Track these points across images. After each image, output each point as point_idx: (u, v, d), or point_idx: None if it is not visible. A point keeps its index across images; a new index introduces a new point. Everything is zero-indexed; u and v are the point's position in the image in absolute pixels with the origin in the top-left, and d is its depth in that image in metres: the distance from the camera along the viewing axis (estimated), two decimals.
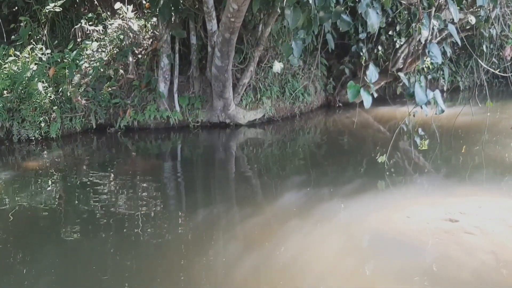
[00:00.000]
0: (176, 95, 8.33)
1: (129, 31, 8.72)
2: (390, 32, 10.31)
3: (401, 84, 9.76)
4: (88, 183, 5.85)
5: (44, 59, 8.08)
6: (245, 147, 7.78)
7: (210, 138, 8.19)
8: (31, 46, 8.16)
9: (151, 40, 8.88)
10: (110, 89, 8.20)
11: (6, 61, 7.81)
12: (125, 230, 4.36)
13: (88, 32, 8.87)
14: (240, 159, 7.22)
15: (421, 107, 5.20)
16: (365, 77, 5.20)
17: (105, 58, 8.52)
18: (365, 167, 6.26)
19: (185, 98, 8.38)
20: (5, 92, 7.57)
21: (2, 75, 7.59)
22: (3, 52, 8.01)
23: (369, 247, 4.01)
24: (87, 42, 8.59)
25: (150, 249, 3.97)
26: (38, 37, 8.64)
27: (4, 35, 9.05)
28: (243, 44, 8.43)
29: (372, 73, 5.00)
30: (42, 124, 7.53)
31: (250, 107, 8.67)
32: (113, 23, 8.86)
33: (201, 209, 4.99)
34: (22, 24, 8.68)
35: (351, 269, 3.59)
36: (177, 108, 8.32)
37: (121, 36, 8.71)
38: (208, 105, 8.45)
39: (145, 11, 8.99)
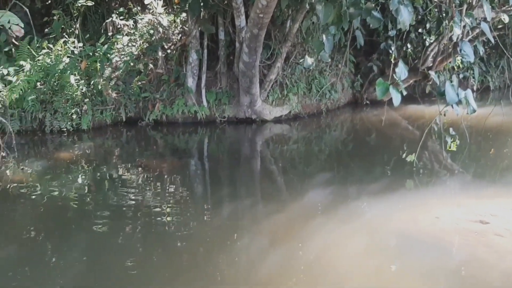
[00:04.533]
0: (203, 90, 8.40)
1: (159, 26, 8.83)
2: (419, 30, 10.14)
3: (430, 82, 9.63)
4: (117, 175, 5.99)
5: (76, 52, 8.26)
6: (270, 143, 7.80)
7: (236, 134, 8.24)
8: (64, 39, 8.35)
9: (180, 35, 8.97)
10: (139, 83, 8.34)
11: (39, 53, 8.02)
12: (152, 222, 4.44)
13: (119, 26, 9.01)
14: (265, 155, 7.25)
15: (452, 107, 5.12)
16: (394, 75, 5.15)
17: (135, 53, 8.65)
18: (392, 166, 6.20)
19: (212, 94, 8.45)
20: (38, 84, 7.79)
21: (36, 67, 7.80)
22: (37, 45, 8.22)
23: (395, 247, 3.97)
24: (118, 36, 8.74)
25: (176, 242, 4.04)
26: (70, 31, 8.83)
27: (38, 28, 9.28)
28: (271, 40, 8.43)
29: (401, 70, 4.96)
30: (74, 116, 7.71)
31: (276, 103, 8.67)
32: (143, 18, 8.99)
33: (226, 203, 5.05)
34: (55, 17, 8.89)
35: (376, 269, 3.57)
36: (205, 103, 8.40)
37: (151, 31, 8.83)
38: (235, 101, 8.50)
39: (175, 7, 9.08)
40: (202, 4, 7.78)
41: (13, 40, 8.54)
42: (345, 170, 6.25)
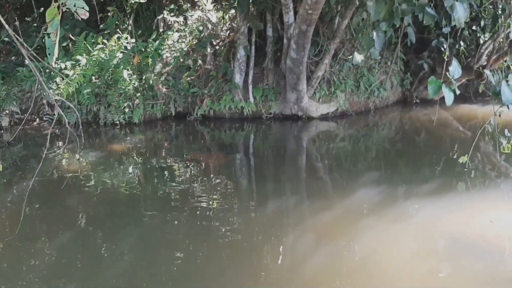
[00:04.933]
0: (250, 86, 8.48)
1: (208, 22, 9.00)
2: (473, 27, 9.79)
3: (484, 82, 9.28)
4: (166, 168, 6.16)
5: (129, 48, 8.52)
6: (316, 141, 7.78)
7: (282, 130, 8.26)
8: (118, 35, 8.62)
9: (228, 31, 9.08)
10: (189, 78, 8.53)
11: (95, 48, 8.33)
12: (198, 215, 4.54)
13: (169, 23, 9.23)
14: (311, 152, 7.23)
15: (508, 107, 4.92)
16: (447, 73, 5.01)
17: (185, 49, 8.84)
18: (443, 167, 6.03)
19: (259, 90, 8.51)
20: (93, 78, 8.10)
21: (91, 62, 8.11)
22: (92, 40, 8.55)
23: (446, 250, 3.88)
24: (168, 33, 8.96)
25: (220, 236, 4.11)
26: (123, 27, 9.11)
27: (93, 24, 9.65)
28: (319, 37, 8.38)
29: (455, 69, 4.80)
30: (126, 110, 7.99)
31: (323, 100, 8.62)
32: (193, 15, 9.18)
33: (271, 200, 5.06)
34: (109, 14, 9.20)
35: (425, 273, 3.47)
36: (251, 99, 8.48)
37: (200, 28, 8.99)
38: (281, 97, 8.52)
39: (224, 3, 9.20)
40: (250, 0, 7.84)
41: (70, 35, 8.94)
42: (393, 170, 6.13)
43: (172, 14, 9.31)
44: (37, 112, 8.29)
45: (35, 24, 9.66)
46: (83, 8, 2.34)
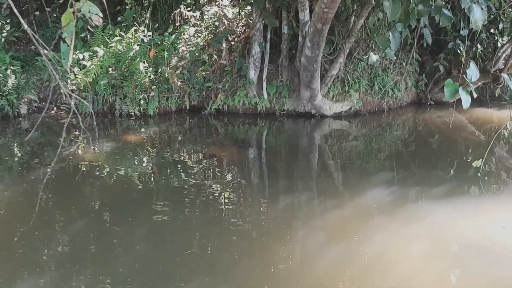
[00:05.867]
0: (265, 83, 8.51)
1: (224, 18, 9.04)
2: (491, 30, 9.70)
3: (500, 85, 9.21)
4: (179, 160, 6.22)
5: (145, 40, 8.61)
6: (329, 139, 7.78)
7: (295, 127, 8.28)
8: (135, 28, 8.70)
9: (244, 28, 9.11)
10: (204, 73, 8.59)
11: (112, 40, 8.42)
12: (210, 210, 4.58)
13: (186, 17, 9.28)
14: (323, 150, 7.24)
15: None
16: (464, 76, 4.99)
17: (201, 43, 8.90)
18: (456, 171, 5.99)
19: (273, 86, 8.54)
20: (110, 69, 8.19)
21: (108, 54, 8.21)
22: (110, 32, 8.64)
23: (457, 254, 3.86)
24: (185, 27, 9.02)
25: (231, 231, 4.15)
26: (141, 20, 9.19)
27: (111, 16, 9.72)
28: (334, 35, 8.37)
29: (473, 71, 4.78)
30: (141, 102, 8.09)
31: (336, 99, 8.63)
32: (209, 10, 9.23)
33: (282, 197, 5.09)
34: (127, 7, 9.28)
35: (435, 277, 3.46)
36: (265, 95, 8.51)
37: (216, 23, 9.04)
38: (295, 95, 8.54)
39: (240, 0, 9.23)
40: None
41: (89, 27, 9.03)
42: (406, 171, 6.11)
43: (188, 8, 9.37)
44: (55, 101, 8.41)
45: (54, 15, 9.77)
46: (97, 14, 2.41)
